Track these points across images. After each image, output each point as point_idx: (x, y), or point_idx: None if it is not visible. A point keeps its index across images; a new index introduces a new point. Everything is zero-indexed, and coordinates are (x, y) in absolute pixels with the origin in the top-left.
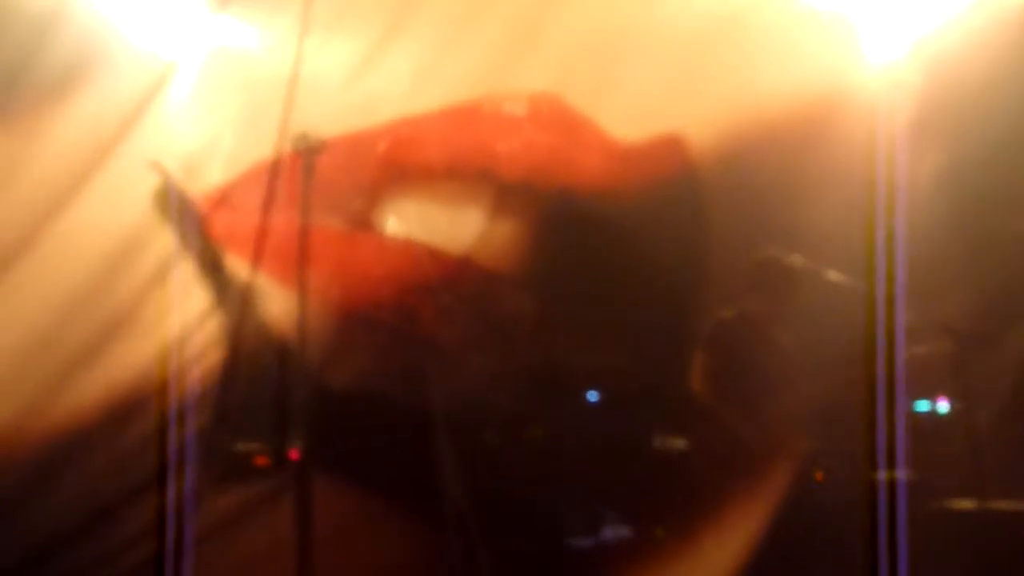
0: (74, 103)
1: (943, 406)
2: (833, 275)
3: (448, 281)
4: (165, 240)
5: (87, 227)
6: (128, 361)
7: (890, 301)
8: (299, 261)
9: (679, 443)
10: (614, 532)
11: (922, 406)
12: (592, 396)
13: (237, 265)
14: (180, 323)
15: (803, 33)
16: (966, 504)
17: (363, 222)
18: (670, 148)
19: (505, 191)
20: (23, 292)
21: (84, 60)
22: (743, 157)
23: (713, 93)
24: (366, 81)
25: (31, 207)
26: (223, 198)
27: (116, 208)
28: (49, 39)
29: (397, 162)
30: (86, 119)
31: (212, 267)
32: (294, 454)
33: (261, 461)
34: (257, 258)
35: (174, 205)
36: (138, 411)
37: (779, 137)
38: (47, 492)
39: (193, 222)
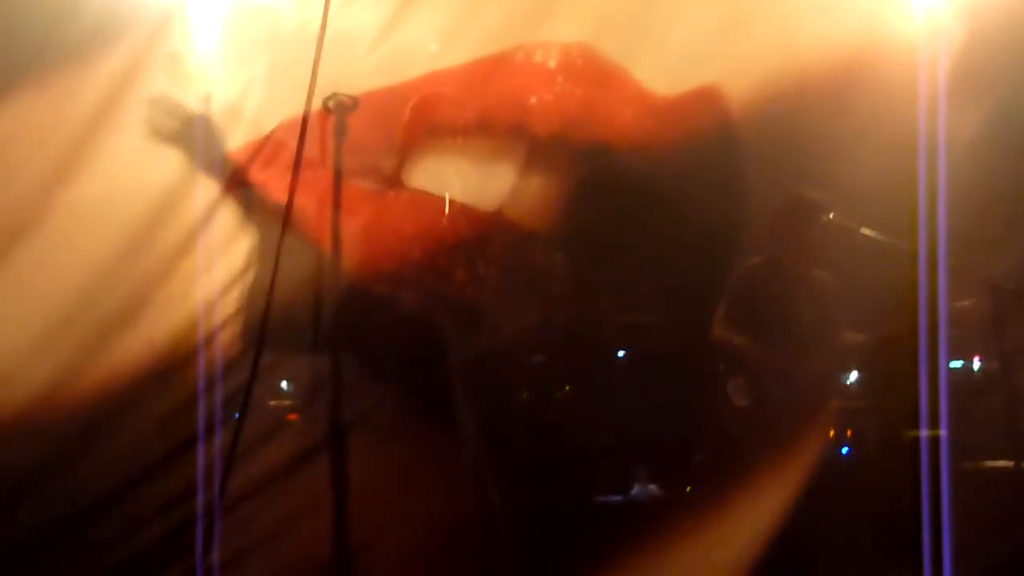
0: (104, 61)
1: (982, 364)
2: (872, 230)
3: (479, 239)
4: (197, 197)
5: (119, 186)
6: (164, 321)
7: (932, 257)
8: (332, 221)
9: (711, 401)
10: (644, 490)
11: (961, 364)
12: (625, 354)
13: (268, 223)
14: (212, 284)
15: None
16: (1005, 462)
17: (394, 180)
18: (707, 100)
19: (537, 146)
20: (59, 253)
21: (113, 18)
22: (782, 109)
23: (751, 43)
24: (396, 35)
25: (64, 167)
26: (253, 155)
27: (146, 166)
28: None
29: (428, 118)
30: (115, 77)
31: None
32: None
33: (294, 417)
34: (288, 218)
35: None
36: (174, 373)
37: (819, 88)
38: (85, 454)
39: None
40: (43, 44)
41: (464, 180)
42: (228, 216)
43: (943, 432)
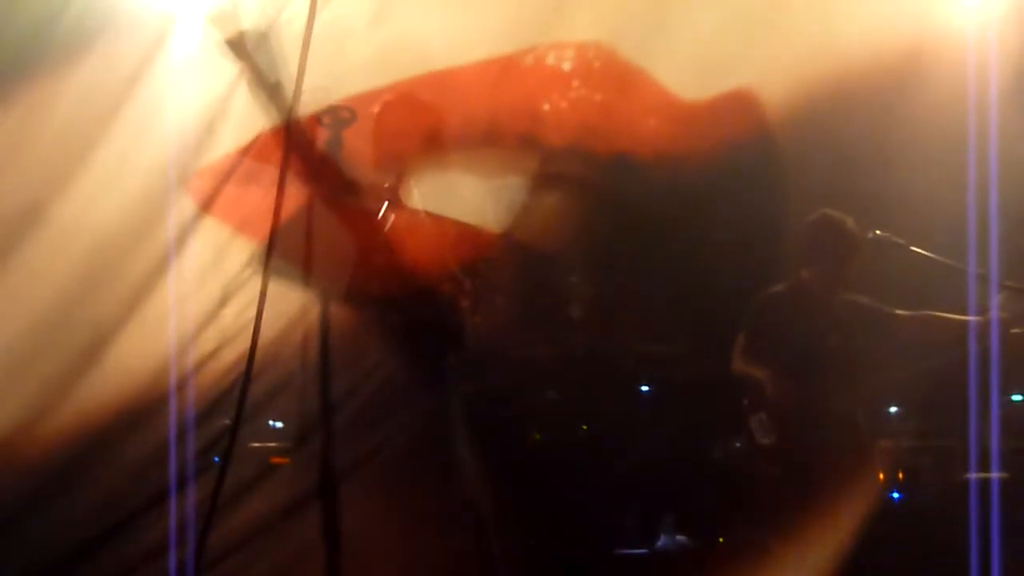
0: (80, 73)
1: None
2: (916, 249)
3: (486, 263)
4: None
5: (93, 203)
6: (139, 354)
7: (983, 278)
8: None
9: (747, 441)
10: (671, 541)
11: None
12: (646, 388)
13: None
14: (192, 316)
15: None
16: None
17: (390, 198)
18: (741, 105)
19: (550, 158)
20: (31, 272)
21: (90, 29)
22: (822, 115)
23: (787, 41)
24: (387, 31)
25: (38, 182)
26: (232, 169)
27: (119, 189)
28: (56, 10)
29: (428, 124)
30: (92, 88)
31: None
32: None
33: (280, 460)
34: (273, 242)
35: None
36: (149, 418)
37: (861, 92)
38: (51, 502)
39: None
40: (15, 58)
41: (469, 197)
42: (205, 241)
43: (995, 474)
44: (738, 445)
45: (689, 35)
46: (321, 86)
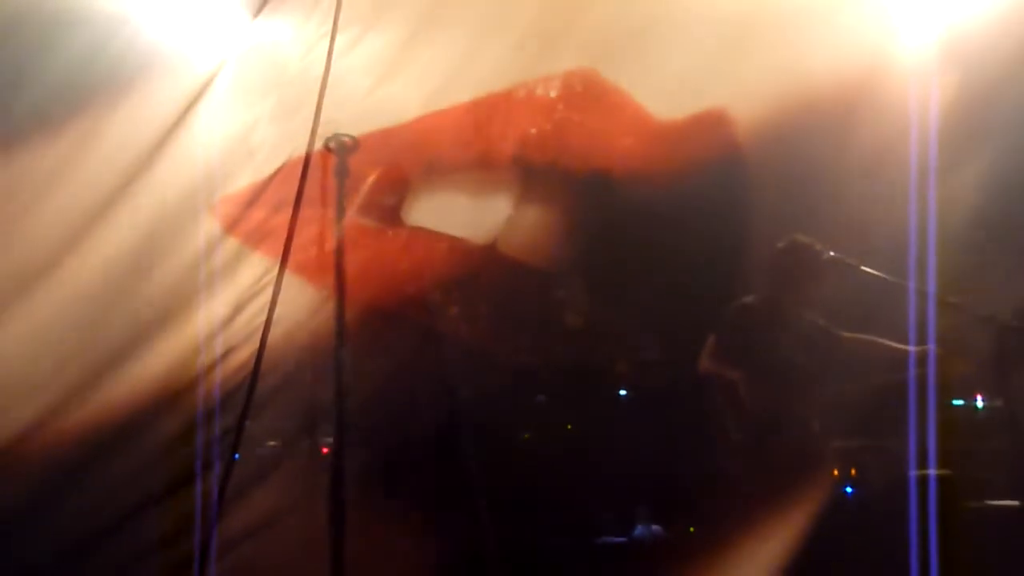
0: (119, 110)
1: (984, 402)
2: (866, 268)
3: (475, 274)
4: (196, 240)
5: (124, 228)
6: (161, 359)
7: (921, 294)
8: (334, 261)
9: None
10: (646, 530)
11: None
12: (625, 391)
13: (269, 265)
14: (209, 322)
15: (846, 11)
16: (1006, 501)
17: (392, 219)
18: (713, 126)
19: (534, 176)
20: (63, 292)
21: (128, 67)
22: (789, 135)
23: (756, 68)
24: (398, 78)
25: (74, 213)
26: (255, 196)
27: (149, 211)
28: (96, 48)
29: (429, 156)
30: (132, 124)
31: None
32: (324, 450)
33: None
34: (286, 258)
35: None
36: (170, 410)
37: (823, 117)
38: (79, 489)
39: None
40: (60, 90)
41: (460, 213)
42: (227, 255)
43: (931, 472)
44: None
45: (665, 60)
46: (332, 119)
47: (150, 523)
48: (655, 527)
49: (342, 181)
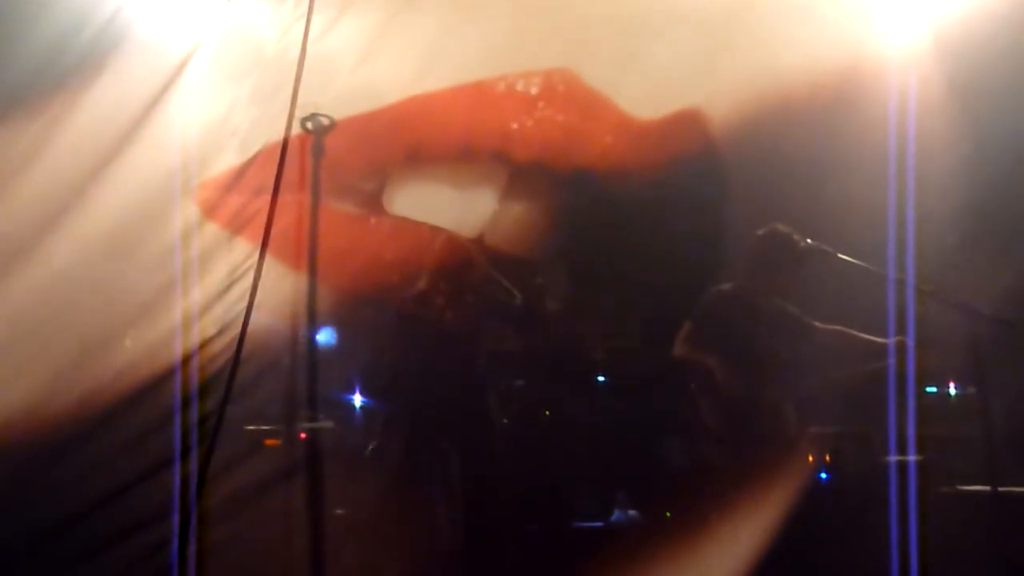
0: (91, 92)
1: (957, 389)
2: (845, 256)
3: (459, 265)
4: (175, 224)
5: (100, 213)
6: (140, 344)
7: (900, 283)
8: (309, 245)
9: (690, 425)
10: (623, 515)
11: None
12: (604, 379)
13: (249, 249)
14: (190, 306)
15: (823, 6)
16: (981, 487)
17: (373, 205)
18: (689, 124)
19: (518, 171)
20: (40, 276)
21: (103, 48)
22: (763, 134)
23: (731, 67)
24: (377, 61)
25: (50, 195)
26: (233, 180)
27: (126, 194)
28: (71, 29)
29: (408, 142)
30: (103, 108)
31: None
32: (303, 435)
33: (271, 442)
34: (267, 242)
35: None
36: (151, 394)
37: (799, 113)
38: (62, 472)
39: None
40: (36, 71)
41: (444, 206)
42: (208, 238)
43: (911, 457)
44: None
45: (644, 61)
46: (311, 102)
47: (129, 506)
48: (632, 512)
49: (318, 161)
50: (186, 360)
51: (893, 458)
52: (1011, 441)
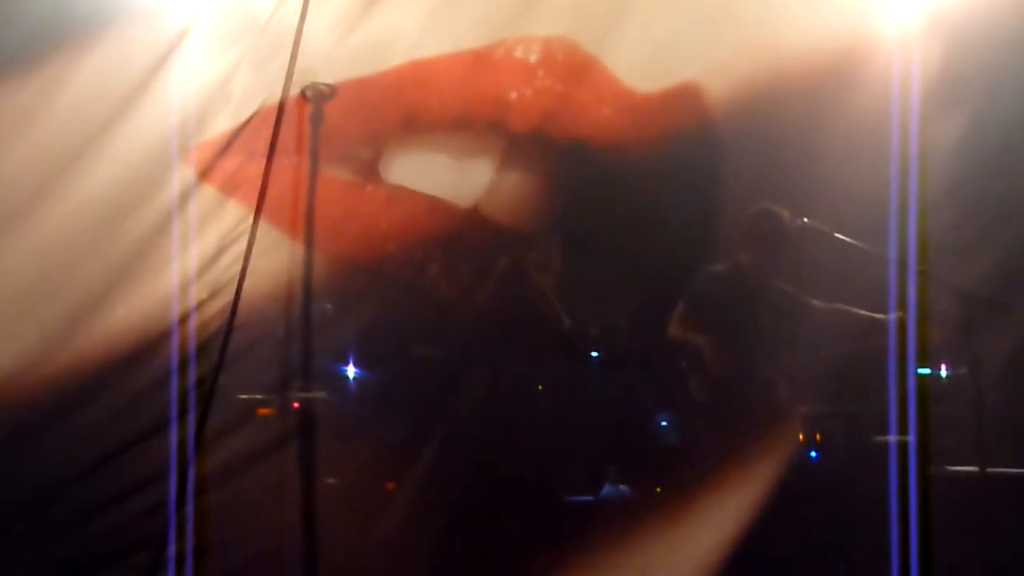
0: (90, 55)
1: (954, 371)
2: (839, 235)
3: (455, 235)
4: (170, 187)
5: (96, 176)
6: (134, 307)
7: (902, 264)
8: (305, 210)
9: (682, 401)
10: (613, 489)
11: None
12: (597, 354)
13: (242, 212)
14: (184, 270)
15: None
16: (968, 467)
17: (370, 172)
18: (686, 98)
19: (515, 141)
20: (34, 237)
21: (102, 11)
22: (760, 109)
23: (730, 41)
24: (373, 26)
25: (45, 157)
26: (229, 143)
27: (122, 157)
28: None
29: (406, 109)
30: (101, 71)
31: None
32: (296, 404)
33: (264, 410)
34: (262, 205)
35: None
36: (145, 356)
37: (797, 89)
38: (56, 432)
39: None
40: (35, 34)
41: (441, 174)
42: (203, 201)
43: (911, 437)
44: (676, 405)
45: (642, 33)
46: (309, 67)
47: (124, 470)
48: (622, 487)
49: (316, 129)
50: (181, 324)
51: (880, 438)
52: (1003, 423)
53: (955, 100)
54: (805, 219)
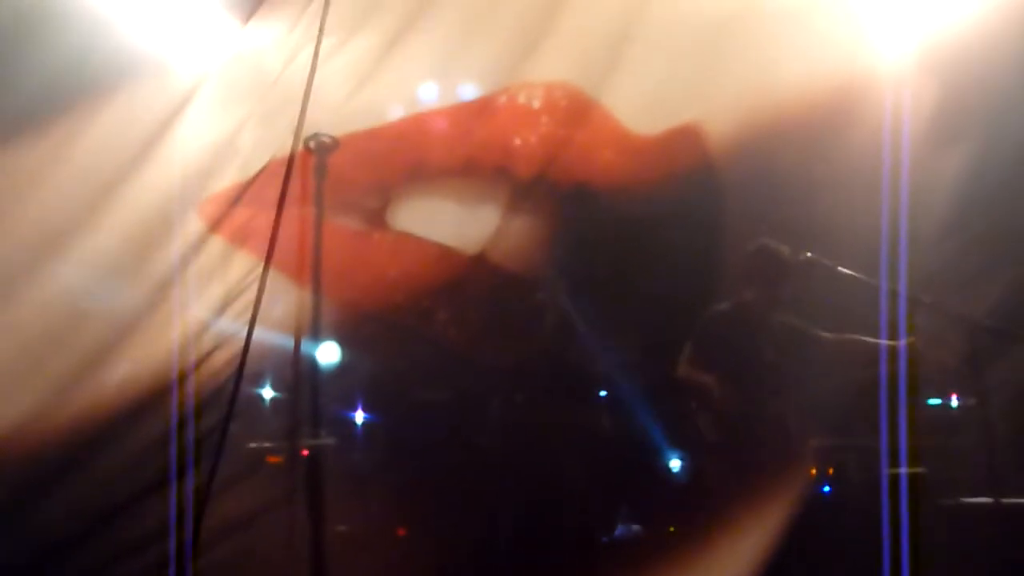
0: (100, 114)
1: (957, 401)
2: (843, 269)
3: (462, 281)
4: (180, 240)
5: (104, 231)
6: (142, 359)
7: (893, 296)
8: (313, 260)
9: (692, 440)
10: (626, 530)
11: (936, 401)
12: (607, 394)
13: (252, 264)
14: (193, 322)
15: (819, 22)
16: (981, 499)
17: (377, 221)
18: (687, 140)
19: (521, 186)
20: (43, 292)
21: (116, 70)
22: (760, 148)
23: (728, 83)
24: (379, 81)
25: (55, 214)
26: (238, 196)
27: (131, 213)
28: (84, 50)
29: (412, 158)
30: (112, 129)
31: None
32: (305, 452)
33: (273, 459)
34: (271, 256)
35: None
36: (152, 409)
37: (795, 127)
38: (61, 488)
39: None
40: (46, 91)
41: (447, 221)
42: (210, 254)
43: (903, 469)
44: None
45: (642, 76)
46: (315, 121)
47: (130, 524)
48: (635, 527)
49: (321, 180)
50: (188, 375)
51: (891, 470)
52: (1010, 451)
53: (950, 135)
54: (808, 254)
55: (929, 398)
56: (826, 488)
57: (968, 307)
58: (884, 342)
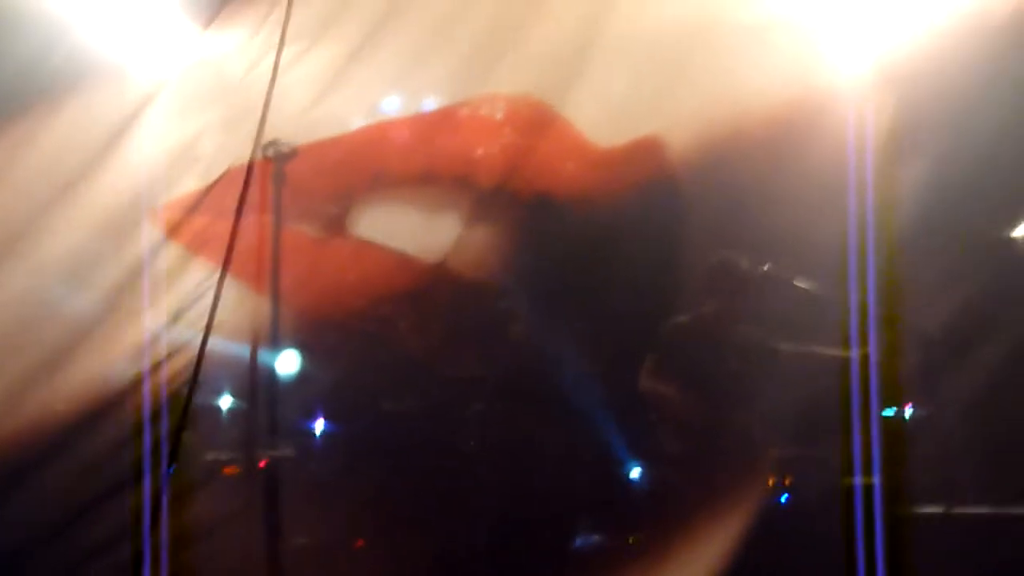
0: (59, 116)
1: (915, 411)
2: (803, 282)
3: (423, 289)
4: (137, 245)
5: (62, 234)
6: (97, 365)
7: (863, 308)
8: (272, 267)
9: (653, 450)
10: (587, 540)
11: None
12: (568, 404)
13: (209, 270)
14: (149, 329)
15: (779, 36)
16: (936, 508)
17: (337, 228)
18: (648, 152)
19: (482, 196)
20: (1, 294)
21: (74, 74)
22: (720, 160)
23: (689, 96)
24: (341, 91)
25: (13, 215)
26: (197, 202)
27: (89, 216)
28: (41, 53)
29: (373, 166)
30: (70, 132)
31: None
32: (263, 463)
33: (230, 470)
34: (228, 263)
35: None
36: (106, 416)
37: (755, 140)
38: (21, 489)
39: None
40: (3, 94)
41: (408, 230)
42: (168, 260)
43: (876, 479)
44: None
45: (604, 89)
46: (275, 129)
47: (87, 530)
48: (597, 536)
49: (280, 188)
50: (143, 381)
51: (848, 480)
52: (966, 462)
53: (910, 148)
54: (764, 266)
55: (885, 408)
56: (784, 497)
57: (925, 319)
58: (840, 353)
